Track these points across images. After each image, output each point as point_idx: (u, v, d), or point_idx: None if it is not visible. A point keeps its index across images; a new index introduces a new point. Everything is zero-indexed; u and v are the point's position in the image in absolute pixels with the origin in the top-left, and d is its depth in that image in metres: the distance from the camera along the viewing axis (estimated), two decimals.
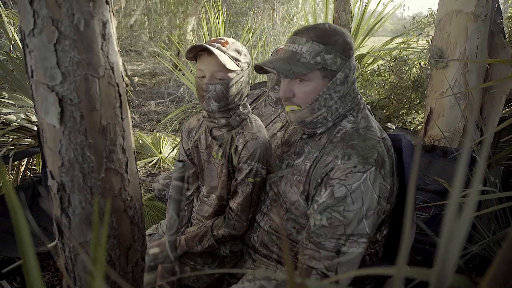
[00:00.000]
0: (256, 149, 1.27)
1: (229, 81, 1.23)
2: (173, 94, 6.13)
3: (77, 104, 0.72)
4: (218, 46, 1.23)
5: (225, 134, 1.34)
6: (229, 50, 1.23)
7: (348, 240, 0.94)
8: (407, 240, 0.30)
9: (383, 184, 0.99)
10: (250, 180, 1.28)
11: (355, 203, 0.95)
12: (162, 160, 3.50)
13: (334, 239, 0.94)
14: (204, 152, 1.40)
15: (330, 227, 0.95)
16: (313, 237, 0.97)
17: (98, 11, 0.71)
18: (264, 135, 1.30)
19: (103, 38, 0.73)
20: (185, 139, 1.47)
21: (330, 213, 0.96)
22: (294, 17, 7.41)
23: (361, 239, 0.95)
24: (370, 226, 0.97)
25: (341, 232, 0.94)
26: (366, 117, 1.12)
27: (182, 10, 8.95)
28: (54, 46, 0.69)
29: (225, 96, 1.24)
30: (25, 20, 0.69)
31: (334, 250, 0.93)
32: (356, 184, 0.96)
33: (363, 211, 0.95)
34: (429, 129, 2.21)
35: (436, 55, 2.08)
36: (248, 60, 1.29)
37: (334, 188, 0.98)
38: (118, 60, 0.77)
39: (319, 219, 0.98)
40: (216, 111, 1.27)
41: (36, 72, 0.71)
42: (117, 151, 0.78)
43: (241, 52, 1.26)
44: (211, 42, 1.26)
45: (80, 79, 0.71)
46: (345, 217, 0.94)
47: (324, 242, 0.94)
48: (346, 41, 1.07)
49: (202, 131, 1.41)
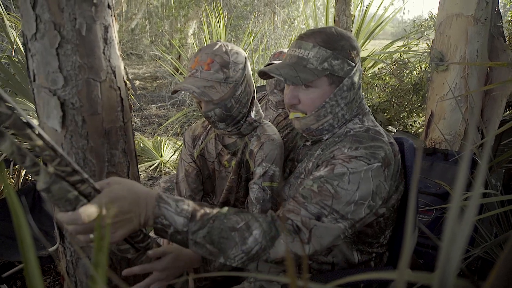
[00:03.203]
0: (272, 151, 1.19)
1: (226, 101, 1.15)
2: (174, 97, 6.14)
3: (79, 108, 0.72)
4: (200, 72, 1.12)
5: (237, 141, 1.27)
6: (214, 72, 1.12)
7: (331, 214, 0.89)
8: (409, 244, 0.30)
9: (382, 184, 0.96)
10: (266, 184, 1.18)
11: (350, 183, 0.92)
12: (163, 164, 3.50)
13: (319, 205, 0.89)
14: (213, 161, 1.33)
15: (318, 193, 0.91)
16: (298, 197, 0.93)
17: (100, 15, 0.71)
18: (280, 138, 1.24)
19: (105, 42, 0.73)
20: (189, 147, 1.38)
21: (323, 183, 0.92)
22: (295, 21, 7.43)
23: (343, 220, 0.90)
24: (356, 214, 0.92)
25: (328, 203, 0.90)
26: (373, 121, 1.10)
27: (183, 14, 8.98)
28: (56, 51, 0.69)
29: (228, 115, 1.17)
30: (27, 24, 0.69)
31: (315, 215, 0.88)
32: (357, 169, 0.93)
33: (355, 196, 0.91)
34: (430, 132, 2.21)
35: (436, 58, 2.08)
36: (241, 60, 1.18)
37: (335, 167, 0.95)
38: (120, 64, 0.78)
39: (310, 185, 0.94)
40: (225, 128, 1.21)
41: (38, 76, 0.71)
42: (118, 155, 0.79)
43: (228, 64, 1.13)
44: (193, 66, 1.14)
45: (82, 83, 0.71)
46: (336, 192, 0.91)
47: (308, 204, 0.90)
48: (353, 46, 1.05)
49: (210, 139, 1.33)
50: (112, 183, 0.71)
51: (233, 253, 0.80)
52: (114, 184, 0.71)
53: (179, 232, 0.76)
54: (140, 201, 0.73)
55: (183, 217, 0.76)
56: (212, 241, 0.78)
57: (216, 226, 0.79)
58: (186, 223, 0.76)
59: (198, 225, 0.77)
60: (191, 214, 0.77)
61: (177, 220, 0.76)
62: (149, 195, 0.75)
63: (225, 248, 0.79)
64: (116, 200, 0.69)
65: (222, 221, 0.80)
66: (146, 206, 0.74)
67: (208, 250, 0.79)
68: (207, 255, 0.80)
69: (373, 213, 0.97)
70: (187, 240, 0.77)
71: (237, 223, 0.81)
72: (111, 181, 0.72)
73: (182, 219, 0.76)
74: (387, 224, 1.10)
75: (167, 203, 0.76)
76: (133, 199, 0.72)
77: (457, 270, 0.30)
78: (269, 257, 0.82)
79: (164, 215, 0.75)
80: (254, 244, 0.80)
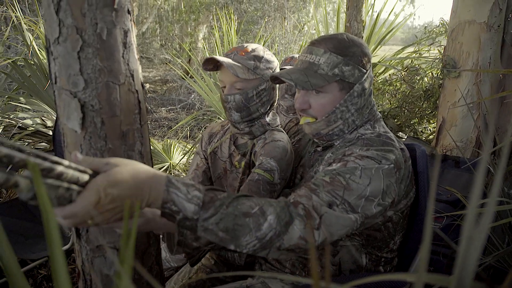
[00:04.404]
0: (273, 149, 1.20)
1: (249, 90, 1.20)
2: (184, 101, 6.19)
3: (98, 110, 0.74)
4: (234, 55, 1.22)
5: (248, 142, 1.31)
6: (246, 59, 1.21)
7: (342, 204, 0.88)
8: (427, 246, 0.31)
9: (392, 185, 0.96)
10: (258, 171, 1.17)
11: (362, 178, 0.91)
12: (172, 167, 3.52)
13: (330, 194, 0.88)
14: (225, 161, 1.36)
15: (330, 183, 0.90)
16: (310, 185, 0.91)
17: (120, 20, 0.73)
18: (286, 143, 1.24)
19: (124, 47, 0.75)
20: (205, 142, 1.44)
21: (335, 175, 0.92)
22: (305, 26, 7.45)
23: (353, 213, 0.89)
24: (367, 209, 0.91)
25: (340, 193, 0.89)
26: (384, 127, 1.11)
27: (194, 18, 9.07)
28: (78, 54, 0.71)
29: (246, 106, 1.22)
30: (50, 28, 0.71)
31: (326, 202, 0.87)
32: (369, 166, 0.94)
33: (366, 191, 0.91)
34: (441, 138, 2.20)
35: (448, 65, 2.08)
36: (273, 66, 1.26)
37: (347, 162, 0.95)
38: (138, 67, 0.79)
39: (321, 176, 0.93)
40: (239, 121, 1.24)
41: (59, 78, 0.73)
42: (135, 156, 0.80)
43: (261, 58, 1.23)
44: (231, 50, 1.25)
45: (102, 86, 0.73)
46: (348, 184, 0.90)
47: (320, 192, 0.88)
48: (364, 52, 1.06)
49: (225, 139, 1.37)
50: (112, 164, 0.66)
51: (246, 240, 0.75)
52: (113, 165, 0.66)
53: (188, 219, 0.71)
54: (144, 186, 0.67)
55: (194, 204, 0.71)
56: (226, 228, 0.74)
57: (230, 212, 0.74)
58: (197, 210, 0.71)
59: (210, 212, 0.73)
60: (203, 201, 0.72)
61: (187, 207, 0.71)
62: (154, 179, 0.69)
63: (239, 235, 0.75)
64: (115, 184, 0.63)
65: (235, 207, 0.75)
66: (149, 191, 0.68)
67: (218, 237, 0.74)
68: (216, 241, 0.75)
69: (382, 212, 0.96)
70: (196, 227, 0.72)
71: (251, 208, 0.77)
72: (111, 162, 0.66)
73: (193, 206, 0.71)
74: (397, 230, 1.10)
75: (177, 188, 0.71)
76: (135, 184, 0.66)
77: (474, 274, 0.31)
78: (283, 244, 0.78)
79: (173, 201, 0.70)
80: (269, 230, 0.76)
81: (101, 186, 0.62)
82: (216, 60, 1.19)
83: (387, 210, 0.97)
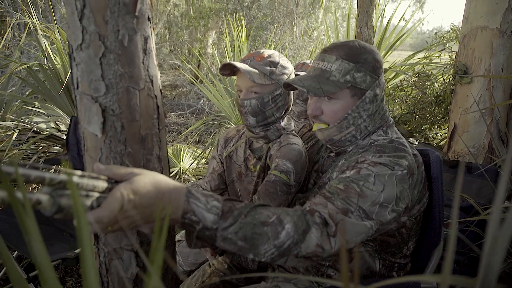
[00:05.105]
0: (289, 151, 1.22)
1: (264, 95, 1.23)
2: (193, 106, 6.23)
3: (119, 115, 0.76)
4: (251, 61, 1.24)
5: (263, 146, 1.33)
6: (263, 64, 1.23)
7: (357, 211, 0.89)
8: (453, 248, 0.32)
9: (406, 191, 0.96)
10: (274, 172, 1.19)
11: (375, 185, 0.92)
12: (182, 171, 3.55)
13: (345, 202, 0.89)
14: (241, 164, 1.38)
15: (344, 191, 0.91)
16: (325, 193, 0.92)
17: (141, 27, 0.75)
18: (301, 147, 1.27)
19: (144, 53, 0.77)
20: (221, 147, 1.46)
21: (348, 182, 0.93)
22: (314, 31, 7.47)
23: (368, 219, 0.89)
24: (381, 216, 0.91)
25: (354, 200, 0.90)
26: (397, 133, 1.11)
27: (203, 24, 9.14)
28: (100, 60, 0.73)
29: (262, 111, 1.24)
30: (74, 35, 0.73)
31: (341, 210, 0.88)
32: (382, 172, 0.94)
33: (380, 197, 0.91)
34: (453, 144, 2.19)
35: (460, 70, 2.07)
36: (288, 72, 1.28)
37: (360, 170, 0.96)
38: (157, 73, 0.81)
39: (336, 184, 0.94)
40: (255, 126, 1.27)
41: (81, 83, 0.75)
42: (153, 160, 0.82)
43: (277, 64, 1.25)
44: (248, 56, 1.27)
45: (122, 91, 0.75)
46: (362, 191, 0.91)
47: (334, 200, 0.89)
48: (375, 59, 1.07)
49: (241, 143, 1.40)
50: (136, 173, 0.68)
51: (264, 248, 0.77)
52: (136, 174, 0.68)
53: (208, 228, 0.73)
54: (164, 196, 0.69)
55: (214, 214, 0.73)
56: (244, 237, 0.75)
57: (248, 222, 0.76)
58: (217, 220, 0.73)
59: (229, 221, 0.74)
60: (222, 210, 0.74)
61: (207, 217, 0.72)
62: (175, 190, 0.71)
63: (257, 243, 0.76)
64: (137, 192, 0.66)
65: (253, 216, 0.77)
66: (169, 201, 0.70)
67: (238, 246, 0.76)
68: (235, 251, 0.77)
69: (397, 218, 0.96)
70: (216, 236, 0.74)
71: (268, 217, 0.78)
72: (134, 171, 0.69)
73: (213, 216, 0.73)
74: (410, 235, 1.10)
75: (197, 198, 0.73)
76: (156, 193, 0.68)
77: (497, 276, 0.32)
78: (300, 252, 0.80)
79: (193, 211, 0.72)
80: (287, 239, 0.78)
81: (124, 193, 0.64)
82: (233, 66, 1.22)
83: (401, 215, 0.98)
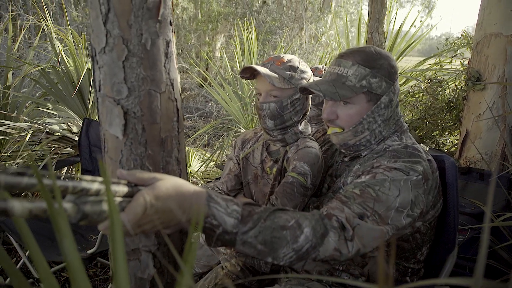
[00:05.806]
0: (306, 154, 1.24)
1: (283, 99, 1.24)
2: (201, 109, 6.26)
3: (140, 117, 0.77)
4: (271, 65, 1.26)
5: (280, 149, 1.34)
6: (282, 68, 1.25)
7: (373, 215, 0.89)
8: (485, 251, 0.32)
9: (421, 196, 0.96)
10: (292, 174, 1.21)
11: (391, 190, 0.93)
12: (191, 174, 3.56)
13: (361, 206, 0.90)
14: (257, 167, 1.39)
15: (360, 196, 0.92)
16: (341, 198, 0.93)
17: (163, 31, 0.76)
18: (318, 151, 1.28)
19: (166, 56, 0.78)
20: (238, 148, 1.48)
21: (364, 187, 0.94)
22: (323, 36, 7.48)
23: (384, 224, 0.90)
24: (397, 221, 0.92)
25: (370, 205, 0.90)
26: (411, 139, 1.12)
27: (211, 27, 9.19)
28: (123, 63, 0.74)
29: (280, 114, 1.25)
30: (97, 38, 0.75)
31: (358, 214, 0.88)
32: (397, 177, 0.95)
33: (396, 202, 0.92)
34: (465, 151, 2.18)
35: (473, 77, 2.07)
36: (307, 76, 1.29)
37: (376, 174, 0.97)
38: (177, 77, 0.82)
39: (351, 188, 0.95)
40: (272, 129, 1.28)
41: (104, 86, 0.76)
42: (172, 162, 0.83)
43: (296, 69, 1.26)
44: (268, 60, 1.29)
45: (144, 94, 0.76)
46: (377, 195, 0.92)
47: (351, 204, 0.90)
48: (391, 65, 1.08)
49: (258, 146, 1.41)
50: (158, 178, 0.70)
51: (283, 252, 0.78)
52: (159, 179, 0.70)
53: (228, 232, 0.74)
54: (185, 201, 0.71)
55: (234, 218, 0.74)
56: (264, 241, 0.76)
57: (268, 226, 0.77)
58: (236, 224, 0.74)
59: (248, 225, 0.75)
60: (241, 214, 0.75)
61: (227, 221, 0.74)
62: (195, 195, 0.72)
63: (277, 247, 0.77)
64: (159, 198, 0.67)
65: (273, 220, 0.78)
66: (190, 206, 0.71)
67: (257, 250, 0.77)
68: (254, 255, 0.78)
69: (412, 223, 0.97)
70: (235, 240, 0.75)
71: (287, 221, 0.79)
72: (157, 176, 0.70)
73: (233, 220, 0.74)
74: (424, 241, 1.10)
75: (217, 203, 0.74)
76: (178, 198, 0.70)
77: None
78: (318, 256, 0.80)
79: (214, 215, 0.73)
80: (305, 242, 0.79)
81: (147, 198, 0.66)
82: (253, 69, 1.23)
83: (416, 221, 0.98)
